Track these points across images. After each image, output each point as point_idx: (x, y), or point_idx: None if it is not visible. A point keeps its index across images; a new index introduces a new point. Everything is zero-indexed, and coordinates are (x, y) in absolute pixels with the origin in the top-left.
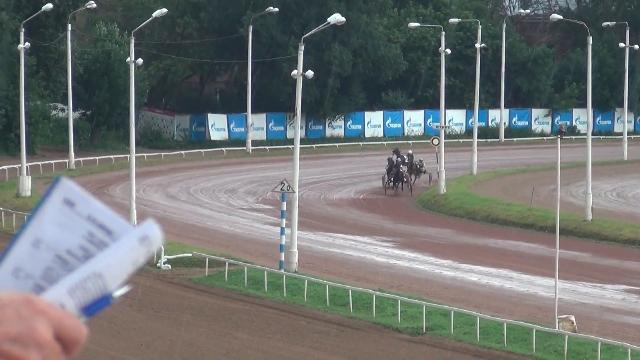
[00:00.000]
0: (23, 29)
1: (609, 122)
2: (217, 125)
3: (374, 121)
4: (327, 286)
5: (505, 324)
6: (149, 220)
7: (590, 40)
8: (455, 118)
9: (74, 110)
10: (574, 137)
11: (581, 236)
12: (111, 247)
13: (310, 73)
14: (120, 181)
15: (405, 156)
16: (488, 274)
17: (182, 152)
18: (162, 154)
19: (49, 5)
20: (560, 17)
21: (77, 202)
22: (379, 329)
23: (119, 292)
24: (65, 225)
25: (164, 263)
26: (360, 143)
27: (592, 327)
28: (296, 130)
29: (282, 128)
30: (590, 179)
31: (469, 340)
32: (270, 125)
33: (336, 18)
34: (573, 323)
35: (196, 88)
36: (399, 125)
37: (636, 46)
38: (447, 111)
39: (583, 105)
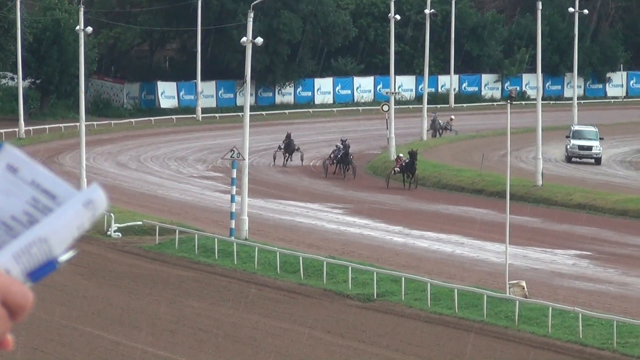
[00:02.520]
0: None
1: (559, 87)
2: (167, 93)
3: (324, 88)
4: (278, 253)
5: (456, 289)
6: (93, 185)
7: (539, 5)
8: (405, 84)
9: (23, 79)
10: (523, 102)
11: (531, 201)
12: (56, 212)
13: (259, 40)
14: (70, 150)
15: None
16: (439, 240)
17: (132, 120)
18: (112, 122)
19: None
20: None
21: (20, 167)
22: (330, 295)
23: (64, 257)
24: (9, 192)
25: (115, 231)
26: (310, 110)
27: (543, 293)
28: (246, 97)
29: (232, 95)
30: (541, 144)
31: (420, 306)
32: (220, 92)
33: None
34: (524, 288)
35: (146, 56)
36: (349, 92)
37: (585, 11)
38: (397, 77)
39: (533, 70)
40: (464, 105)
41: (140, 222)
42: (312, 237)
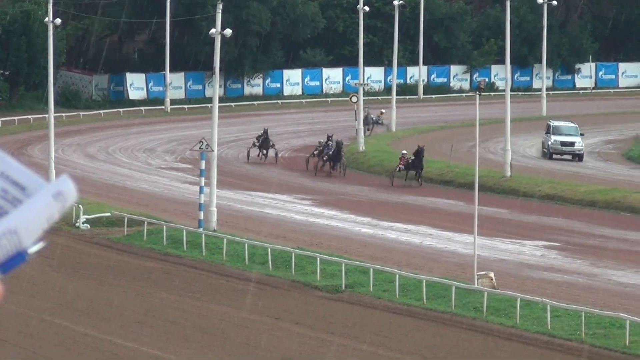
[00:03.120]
0: None
1: (528, 78)
2: (136, 85)
3: (293, 79)
4: (246, 244)
5: (424, 281)
6: (62, 176)
7: None
8: (374, 75)
9: None
10: (492, 93)
11: (500, 192)
12: (25, 204)
13: (228, 32)
14: (39, 141)
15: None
16: (407, 231)
17: (101, 111)
18: (81, 113)
19: None
20: None
21: None
22: (298, 287)
23: (34, 249)
24: None
25: (83, 223)
26: (279, 101)
27: (511, 284)
28: (215, 88)
29: (201, 87)
30: (509, 135)
31: (388, 297)
32: (189, 84)
33: None
34: (492, 279)
35: (115, 47)
36: (318, 83)
37: (554, 2)
38: (366, 69)
39: (501, 61)
40: (433, 96)
41: (108, 214)
42: (281, 228)
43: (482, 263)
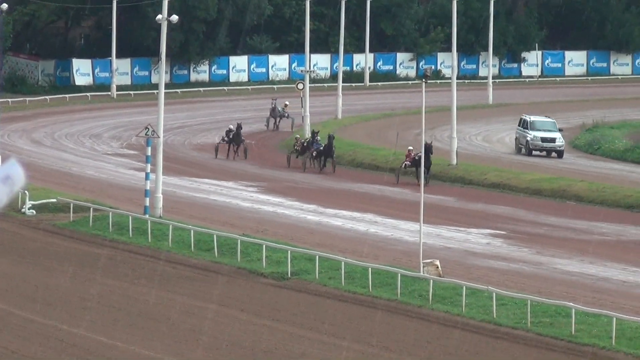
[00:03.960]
0: None
1: (474, 66)
2: (82, 71)
3: (239, 66)
4: (192, 231)
5: (370, 268)
6: (11, 160)
7: None
8: (320, 62)
9: None
10: (438, 81)
11: (446, 180)
12: None
13: (175, 18)
14: None
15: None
16: (353, 218)
17: (47, 97)
18: (27, 99)
19: None
20: None
21: None
22: (244, 274)
23: None
24: None
25: (29, 209)
26: (225, 88)
27: (457, 272)
28: (161, 75)
29: (147, 73)
30: (455, 123)
31: (334, 285)
32: (135, 70)
33: None
34: (438, 267)
35: (61, 33)
36: (264, 70)
37: None
38: (312, 56)
39: (448, 49)
40: (379, 83)
41: (54, 200)
42: (226, 215)
43: (428, 251)
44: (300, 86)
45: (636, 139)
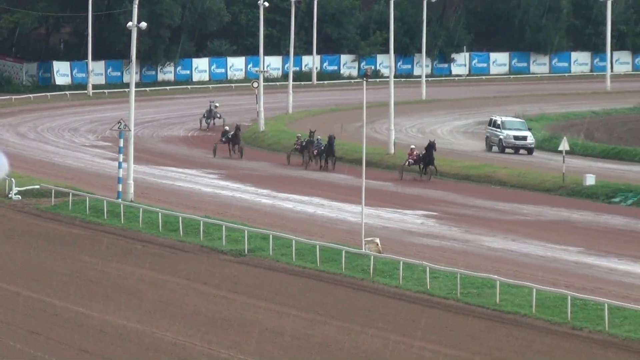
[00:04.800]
0: None
1: (409, 66)
2: (62, 72)
3: (201, 67)
4: (160, 214)
5: (317, 246)
6: None
7: None
8: (273, 63)
9: None
10: (378, 79)
11: (385, 168)
12: None
13: (144, 24)
14: None
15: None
16: (302, 202)
17: (31, 95)
18: (13, 97)
19: None
20: None
21: None
22: (206, 251)
23: None
24: None
25: (15, 194)
26: (189, 86)
27: (395, 249)
28: (132, 75)
29: (119, 73)
30: (393, 116)
31: (286, 260)
32: (108, 71)
33: None
34: (378, 245)
35: (43, 39)
36: (223, 71)
37: None
38: (266, 57)
39: (386, 51)
40: (325, 82)
41: (38, 186)
42: (190, 199)
43: (369, 230)
44: (255, 85)
45: (553, 130)
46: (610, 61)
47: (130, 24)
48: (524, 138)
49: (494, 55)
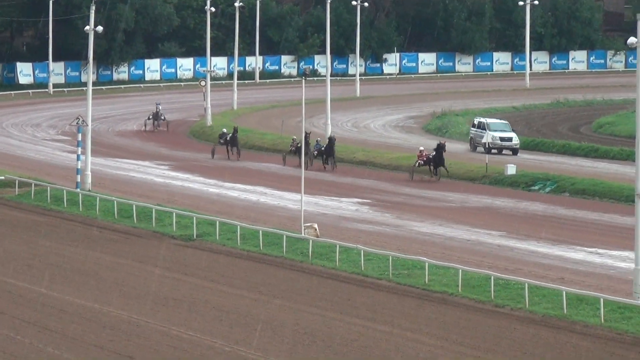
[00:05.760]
0: None
1: (345, 66)
2: (25, 72)
3: (153, 67)
4: (115, 202)
5: (260, 231)
6: None
7: None
8: (219, 64)
9: None
10: (315, 78)
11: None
12: None
13: (100, 28)
14: None
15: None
16: (246, 190)
17: None
18: None
19: None
20: None
21: None
22: (158, 236)
23: None
24: None
25: None
26: (142, 85)
27: (332, 233)
28: (89, 75)
29: (77, 73)
30: (329, 112)
31: (232, 244)
32: (68, 71)
33: None
34: (316, 230)
35: (7, 41)
36: (173, 70)
37: (366, 4)
38: (213, 58)
39: (323, 52)
40: (267, 81)
41: (2, 177)
42: (143, 188)
43: (308, 216)
44: (203, 83)
45: None
46: (529, 61)
47: (87, 27)
48: (510, 139)
49: (422, 56)
